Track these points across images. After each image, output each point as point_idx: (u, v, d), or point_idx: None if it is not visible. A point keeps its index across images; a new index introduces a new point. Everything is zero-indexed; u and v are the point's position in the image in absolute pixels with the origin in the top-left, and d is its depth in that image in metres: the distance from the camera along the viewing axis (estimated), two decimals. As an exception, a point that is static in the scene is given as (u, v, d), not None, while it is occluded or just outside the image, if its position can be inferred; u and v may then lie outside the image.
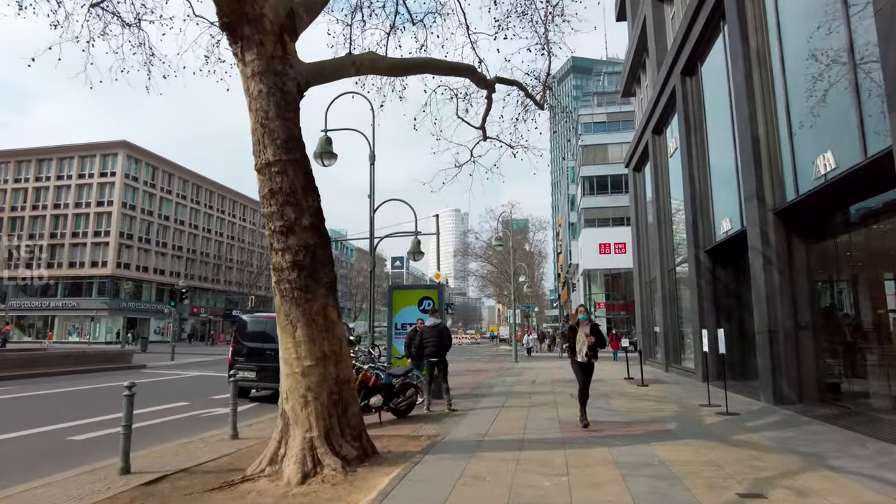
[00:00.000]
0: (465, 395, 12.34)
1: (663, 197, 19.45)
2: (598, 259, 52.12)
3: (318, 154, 13.36)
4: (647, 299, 23.29)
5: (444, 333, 10.19)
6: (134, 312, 60.19)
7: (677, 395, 11.78)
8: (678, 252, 18.04)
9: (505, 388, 13.87)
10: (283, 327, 5.91)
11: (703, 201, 14.68)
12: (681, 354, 18.01)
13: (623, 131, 54.04)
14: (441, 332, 10.14)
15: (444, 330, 10.25)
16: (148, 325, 61.11)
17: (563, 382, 15.27)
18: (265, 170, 5.93)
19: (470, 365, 24.84)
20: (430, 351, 10.01)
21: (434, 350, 9.99)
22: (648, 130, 20.48)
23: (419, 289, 12.83)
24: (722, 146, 13.47)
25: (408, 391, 9.24)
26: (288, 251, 5.85)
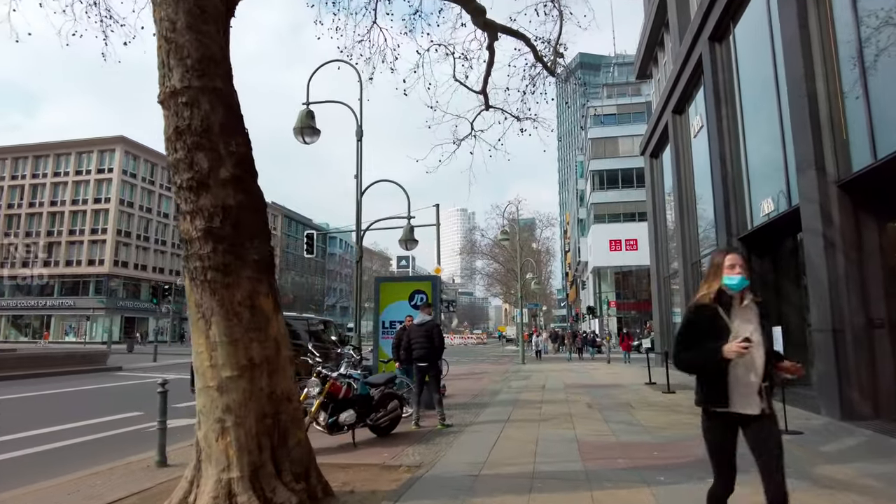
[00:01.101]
0: (463, 405, 10.61)
1: (686, 182, 17.62)
2: (609, 256, 50.24)
3: (299, 129, 11.74)
4: (666, 296, 21.45)
5: (435, 333, 8.46)
6: (132, 311, 58.94)
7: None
8: (703, 242, 16.22)
9: (510, 396, 12.13)
10: (194, 323, 4.22)
11: (736, 182, 12.86)
12: (707, 356, 16.17)
13: (634, 123, 52.17)
14: (431, 331, 8.41)
15: (435, 329, 8.52)
16: (147, 324, 59.81)
17: (576, 388, 13.50)
18: (170, 101, 4.23)
19: (473, 367, 23.11)
20: (419, 354, 8.30)
21: (423, 353, 8.28)
22: (668, 110, 18.66)
23: (410, 281, 11.14)
24: (761, 116, 11.67)
25: (390, 403, 7.53)
26: (199, 215, 4.16)
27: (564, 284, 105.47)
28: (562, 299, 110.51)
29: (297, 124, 11.71)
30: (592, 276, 53.55)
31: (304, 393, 6.83)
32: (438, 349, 8.53)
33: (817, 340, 8.57)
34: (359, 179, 12.50)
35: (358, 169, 12.53)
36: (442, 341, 8.69)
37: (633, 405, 10.25)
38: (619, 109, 53.50)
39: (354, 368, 9.37)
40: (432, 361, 8.37)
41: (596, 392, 12.66)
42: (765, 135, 11.37)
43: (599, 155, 53.15)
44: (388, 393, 7.60)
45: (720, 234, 13.42)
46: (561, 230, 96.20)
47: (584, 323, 57.07)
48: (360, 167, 12.54)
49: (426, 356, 8.27)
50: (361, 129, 12.64)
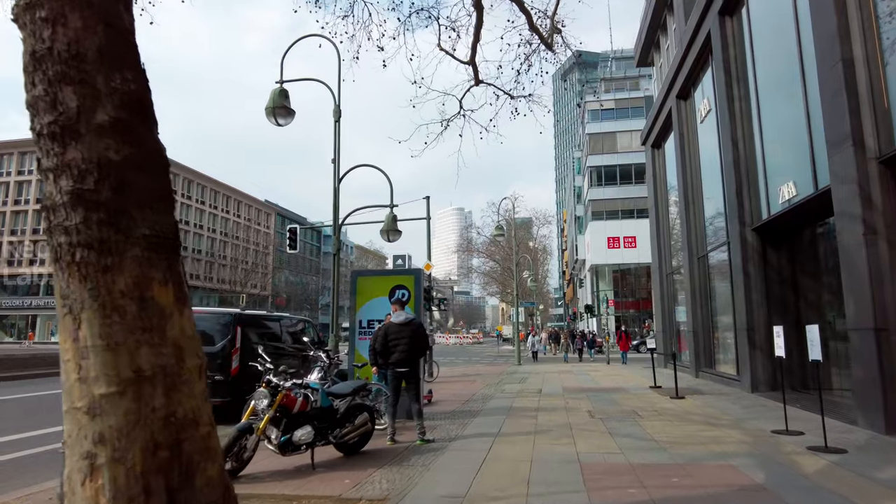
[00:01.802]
0: (450, 414, 9.50)
1: (691, 171, 16.54)
2: (607, 254, 49.24)
3: (270, 109, 10.64)
4: (669, 294, 20.37)
5: (419, 334, 7.35)
6: (120, 311, 57.60)
7: (731, 413, 8.89)
8: (711, 235, 15.14)
9: (504, 402, 11.03)
10: (60, 320, 3.08)
11: (750, 168, 11.79)
12: (714, 357, 15.11)
13: (633, 118, 51.14)
14: (415, 331, 7.30)
15: (419, 329, 7.41)
16: (135, 324, 58.48)
17: (575, 393, 12.40)
18: (25, 16, 3.09)
19: (466, 369, 21.99)
20: (398, 358, 7.17)
21: (402, 357, 7.16)
22: (672, 96, 17.58)
23: (390, 275, 10.02)
24: (780, 92, 10.60)
25: (358, 417, 6.41)
26: (66, 173, 3.01)
27: (561, 283, 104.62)
28: (559, 298, 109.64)
29: (269, 104, 10.60)
30: (590, 274, 52.53)
31: (249, 408, 5.72)
32: (421, 352, 7.43)
33: (855, 341, 7.48)
34: (336, 164, 11.38)
35: (335, 152, 11.41)
36: (426, 343, 7.59)
37: (639, 413, 9.15)
38: (617, 104, 52.40)
39: (326, 374, 8.28)
40: (414, 367, 7.26)
41: (597, 397, 11.57)
42: (785, 112, 10.29)
43: (597, 151, 52.09)
44: (357, 405, 6.48)
45: (731, 224, 12.35)
46: (558, 229, 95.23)
47: (582, 322, 56.08)
48: (337, 150, 11.42)
49: (406, 360, 7.15)
50: (339, 108, 11.53)
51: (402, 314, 7.33)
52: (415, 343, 7.24)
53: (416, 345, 7.27)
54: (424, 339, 7.46)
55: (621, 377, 16.62)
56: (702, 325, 15.69)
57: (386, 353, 7.22)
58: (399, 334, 7.19)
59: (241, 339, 9.53)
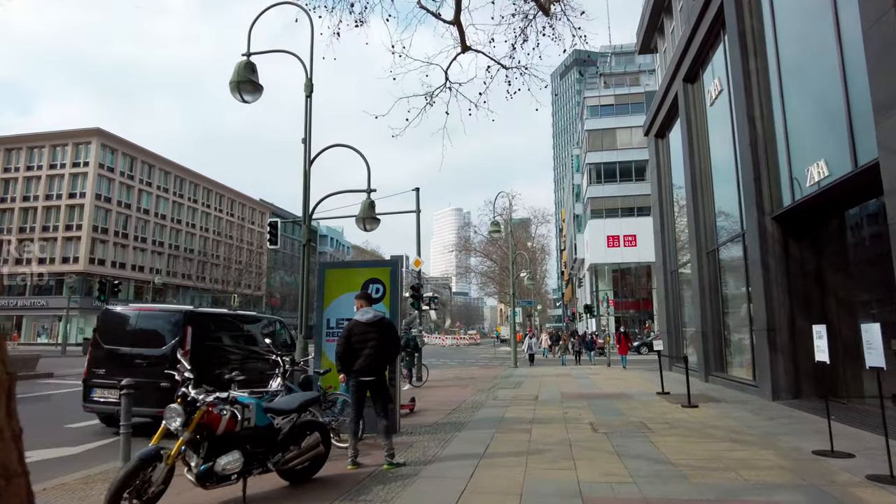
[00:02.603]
0: (432, 427, 8.27)
1: (700, 159, 15.33)
2: (607, 253, 48.05)
3: (235, 83, 9.40)
4: (674, 292, 19.17)
5: (389, 335, 6.11)
6: (108, 312, 56.26)
7: (756, 427, 7.67)
8: (723, 228, 13.94)
9: (495, 412, 9.81)
10: None
11: (770, 150, 10.59)
12: (726, 360, 13.90)
13: (632, 114, 49.94)
14: (385, 332, 6.06)
15: (389, 329, 6.17)
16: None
17: (575, 400, 11.18)
18: None
19: (460, 372, 20.75)
20: (362, 364, 5.93)
21: (368, 362, 5.92)
22: (678, 80, 16.38)
23: (363, 267, 8.78)
24: (808, 59, 9.40)
25: (308, 437, 5.18)
26: None
27: (560, 284, 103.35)
28: (557, 299, 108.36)
29: (234, 77, 9.37)
30: (589, 273, 51.34)
31: (160, 430, 4.49)
32: (392, 356, 6.19)
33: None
34: (307, 145, 10.14)
35: (306, 132, 10.18)
36: (398, 346, 6.36)
37: (649, 426, 7.93)
38: (616, 100, 51.23)
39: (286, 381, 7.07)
40: (381, 375, 6.03)
41: (599, 406, 10.35)
42: (815, 82, 9.08)
43: (597, 147, 50.90)
44: (306, 422, 5.25)
45: (747, 214, 11.14)
46: (557, 229, 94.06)
47: (582, 322, 54.87)
48: (308, 129, 10.18)
49: (373, 367, 5.91)
50: (311, 83, 10.30)
51: (370, 311, 6.09)
52: (384, 346, 6.01)
53: (386, 348, 6.04)
54: (395, 341, 6.23)
55: (624, 382, 15.40)
56: (711, 325, 14.48)
57: (349, 357, 5.99)
58: (364, 336, 5.96)
59: (193, 341, 8.31)
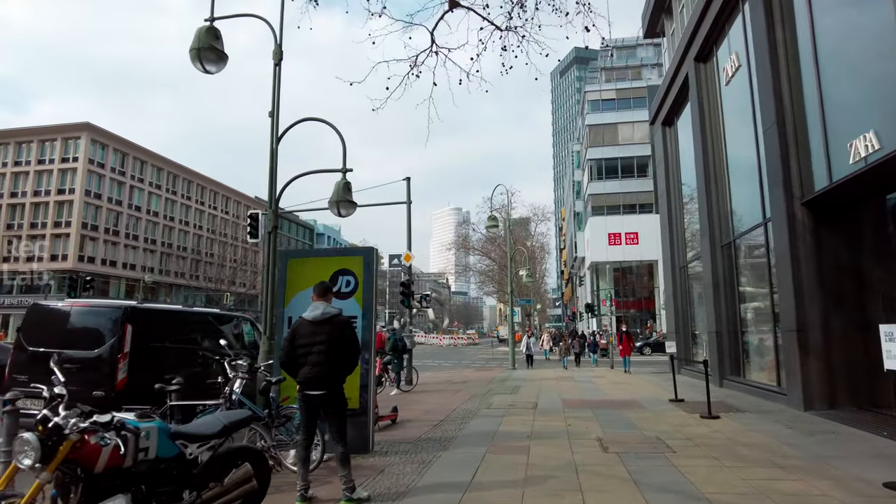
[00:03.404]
0: (412, 445, 7.06)
1: (713, 144, 14.12)
2: (608, 251, 46.78)
3: (196, 51, 8.19)
4: (683, 289, 17.95)
5: (344, 336, 4.85)
6: (98, 311, 54.97)
7: (797, 446, 6.45)
8: (740, 217, 12.73)
9: (488, 424, 8.59)
10: None
11: (799, 126, 9.37)
12: (744, 363, 12.68)
13: (634, 109, 48.78)
14: (337, 332, 4.79)
15: (344, 329, 4.88)
16: (115, 324, 55.85)
17: (578, 409, 9.96)
18: None
19: (453, 374, 19.53)
20: (308, 374, 4.69)
21: (315, 372, 4.68)
22: (689, 60, 15.17)
23: (332, 256, 7.52)
24: (851, 22, 8.19)
25: (236, 470, 3.95)
26: None
27: (560, 283, 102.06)
28: (557, 298, 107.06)
29: (194, 44, 8.15)
30: (590, 272, 50.10)
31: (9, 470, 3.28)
32: (349, 364, 4.94)
33: None
34: (275, 119, 8.92)
35: (274, 104, 8.97)
36: (354, 350, 5.00)
37: (668, 444, 6.71)
38: (618, 94, 49.99)
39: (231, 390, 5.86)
40: (335, 389, 4.77)
41: (607, 416, 9.13)
42: (860, 46, 7.86)
43: (598, 143, 49.65)
44: (234, 450, 4.03)
45: (773, 199, 9.91)
46: (556, 228, 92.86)
47: (582, 322, 53.67)
48: (276, 101, 8.97)
49: (322, 378, 4.68)
50: (281, 49, 9.10)
51: (319, 306, 4.84)
52: (336, 351, 4.74)
53: (339, 354, 4.77)
54: (350, 345, 4.90)
55: (631, 386, 14.18)
56: (727, 324, 13.26)
57: (293, 365, 4.76)
58: (312, 338, 4.72)
59: (134, 342, 7.08)
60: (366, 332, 6.72)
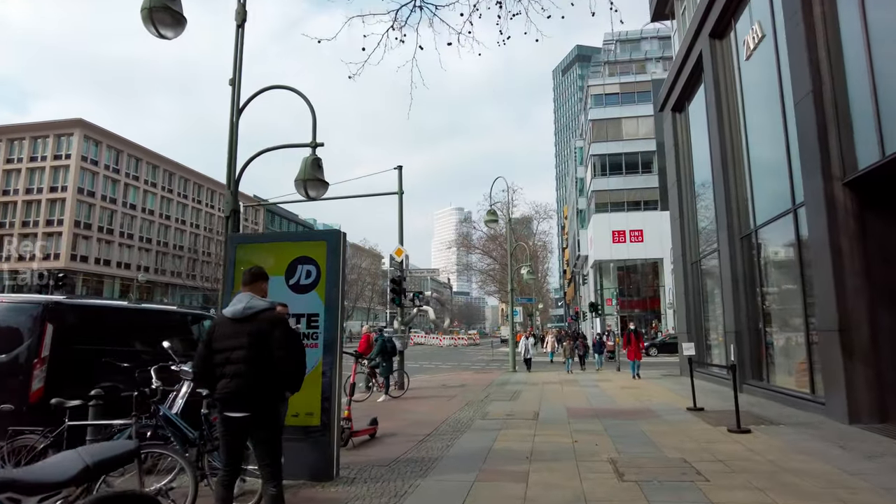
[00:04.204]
0: (388, 468, 5.87)
1: (731, 127, 12.92)
2: (612, 249, 45.52)
3: (147, 11, 7.02)
4: (695, 286, 16.74)
5: (276, 337, 3.56)
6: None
7: (861, 474, 5.25)
8: (764, 205, 11.51)
9: (481, 440, 7.41)
10: None
11: (840, 98, 8.16)
12: (769, 366, 11.46)
13: (639, 103, 47.54)
14: (264, 333, 3.55)
15: (275, 327, 3.60)
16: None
17: (586, 420, 8.75)
18: None
19: (450, 377, 18.32)
20: (228, 388, 3.48)
21: (237, 386, 3.47)
22: (703, 36, 13.97)
23: (289, 241, 6.29)
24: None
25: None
26: None
27: (562, 283, 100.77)
28: (559, 298, 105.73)
29: (145, 4, 6.99)
30: (593, 271, 48.85)
31: None
32: (290, 380, 3.70)
33: None
34: (236, 87, 7.74)
35: (235, 70, 7.79)
36: (292, 357, 3.69)
37: (697, 468, 5.51)
38: (622, 88, 48.68)
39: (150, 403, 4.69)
40: (262, 407, 3.55)
41: (618, 429, 7.93)
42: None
43: (601, 138, 48.36)
44: (102, 499, 2.85)
45: (809, 181, 8.69)
46: (559, 227, 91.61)
47: (586, 322, 52.45)
48: (237, 67, 7.80)
49: (245, 393, 3.47)
50: (244, 9, 7.92)
51: (244, 298, 3.63)
52: (263, 358, 3.52)
53: (267, 362, 3.54)
54: (286, 349, 3.59)
55: (642, 391, 12.97)
56: (747, 323, 12.05)
57: (209, 376, 3.58)
58: (231, 340, 3.54)
59: (55, 344, 5.90)
60: (330, 331, 5.54)
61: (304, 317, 5.62)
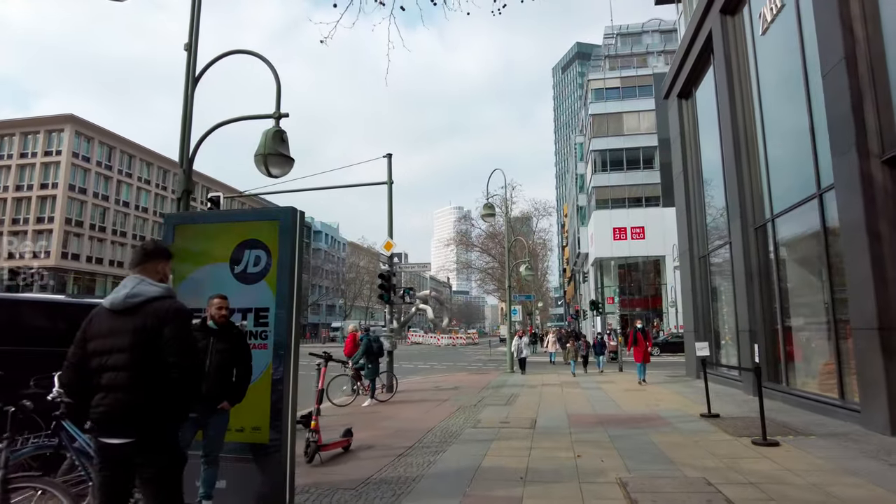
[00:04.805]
0: (356, 490, 4.91)
1: (744, 109, 11.97)
2: (613, 246, 44.55)
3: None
4: (702, 283, 15.79)
5: (166, 337, 2.56)
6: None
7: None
8: (782, 193, 10.56)
9: (470, 454, 6.46)
10: None
11: (877, 61, 7.21)
12: (786, 369, 10.50)
13: (640, 97, 46.58)
14: (153, 327, 2.56)
15: (165, 324, 2.58)
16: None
17: (589, 429, 7.79)
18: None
19: (445, 378, 17.35)
20: (103, 404, 2.51)
21: (119, 400, 2.50)
22: (713, 13, 13.01)
23: (235, 220, 5.35)
24: None
25: None
26: None
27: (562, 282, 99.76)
28: (559, 298, 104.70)
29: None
30: (594, 268, 47.88)
31: None
32: (181, 388, 2.69)
33: None
34: (191, 53, 6.79)
35: (191, 33, 6.84)
36: (190, 362, 2.62)
37: (723, 491, 4.57)
38: (623, 82, 47.70)
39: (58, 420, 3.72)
40: (151, 430, 2.58)
41: (627, 440, 6.98)
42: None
43: (602, 133, 47.39)
44: None
45: (843, 160, 7.72)
46: (558, 225, 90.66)
47: (587, 320, 51.54)
48: (194, 29, 6.85)
49: (127, 411, 2.52)
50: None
51: (130, 283, 2.69)
52: (151, 364, 2.56)
53: (158, 369, 2.56)
54: (184, 353, 2.60)
55: (649, 395, 12.02)
56: (763, 321, 11.10)
57: (81, 389, 2.62)
58: (110, 341, 2.58)
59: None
60: (282, 329, 4.58)
61: (251, 312, 4.67)
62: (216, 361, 4.27)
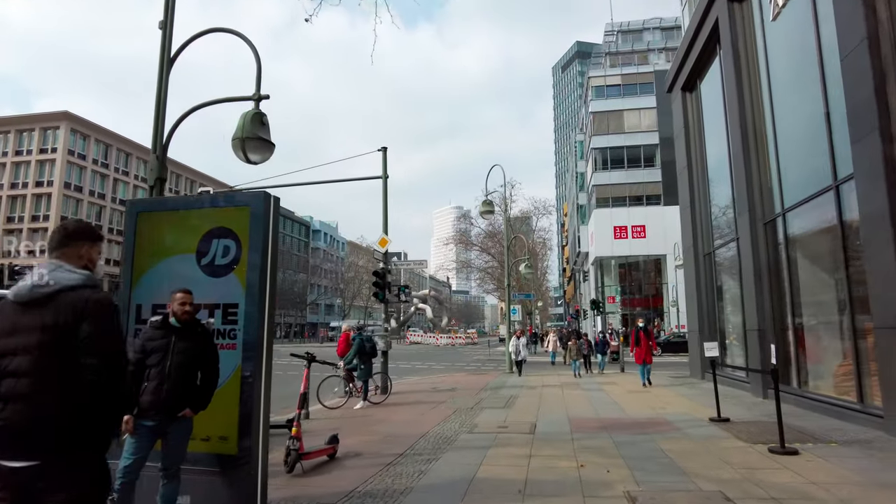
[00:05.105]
0: (341, 501, 4.45)
1: (752, 100, 11.50)
2: (613, 245, 44.06)
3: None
4: (707, 281, 15.31)
5: (83, 335, 2.07)
6: (78, 309, 52.50)
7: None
8: (794, 186, 10.08)
9: (464, 463, 5.99)
10: None
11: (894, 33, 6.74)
12: (798, 371, 10.02)
13: (641, 95, 46.10)
14: (66, 323, 2.08)
15: (84, 319, 2.09)
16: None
17: (592, 435, 7.31)
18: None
19: (442, 379, 16.88)
20: (2, 419, 2.00)
21: (18, 412, 2.00)
22: (720, 0, 12.54)
23: (201, 207, 4.88)
24: None
25: None
26: None
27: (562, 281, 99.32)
28: (558, 297, 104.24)
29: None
30: (594, 268, 47.40)
31: None
32: (102, 397, 2.11)
33: None
34: (166, 31, 6.32)
35: (167, 9, 6.37)
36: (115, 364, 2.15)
37: (747, 510, 4.09)
38: (624, 80, 47.22)
39: None
40: (62, 451, 2.09)
41: (633, 447, 6.50)
42: None
43: (602, 131, 46.90)
44: None
45: (865, 146, 7.24)
46: (558, 225, 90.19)
47: (587, 320, 51.07)
48: (169, 5, 6.37)
49: (28, 427, 2.02)
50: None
51: (42, 268, 2.20)
52: (63, 368, 2.06)
53: (71, 374, 2.06)
54: (107, 355, 2.12)
55: (654, 398, 11.55)
56: (772, 320, 10.63)
57: None
58: (13, 340, 2.09)
59: None
60: (253, 327, 4.11)
61: (219, 308, 4.20)
62: (178, 363, 3.79)
